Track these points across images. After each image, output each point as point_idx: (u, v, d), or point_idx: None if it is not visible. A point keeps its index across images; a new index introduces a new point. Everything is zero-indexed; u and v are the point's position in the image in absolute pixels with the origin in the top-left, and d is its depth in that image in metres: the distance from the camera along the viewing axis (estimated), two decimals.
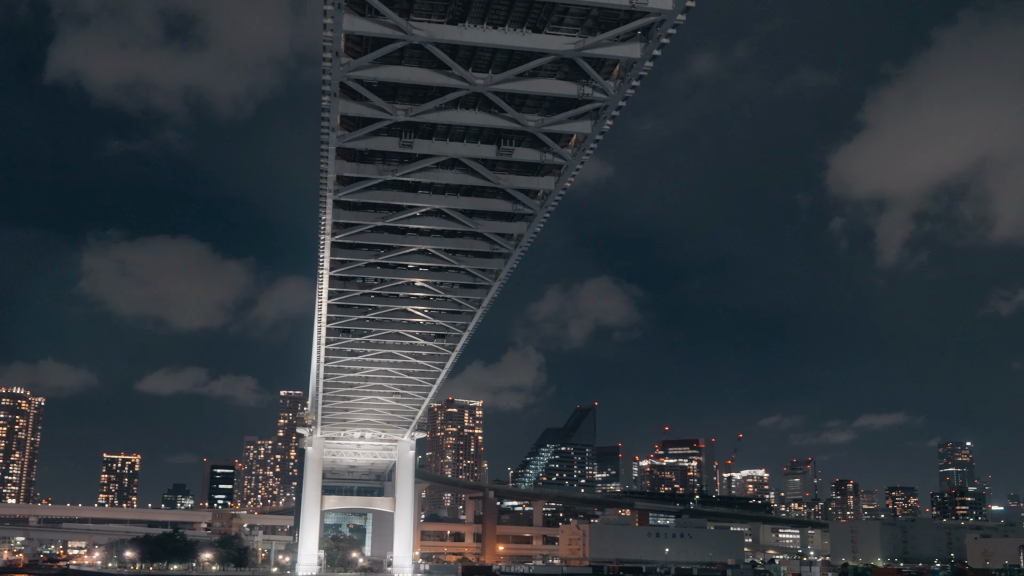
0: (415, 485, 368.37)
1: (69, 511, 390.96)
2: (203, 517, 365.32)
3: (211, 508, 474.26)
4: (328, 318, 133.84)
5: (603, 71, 70.11)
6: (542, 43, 65.00)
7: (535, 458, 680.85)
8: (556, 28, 64.58)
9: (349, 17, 62.52)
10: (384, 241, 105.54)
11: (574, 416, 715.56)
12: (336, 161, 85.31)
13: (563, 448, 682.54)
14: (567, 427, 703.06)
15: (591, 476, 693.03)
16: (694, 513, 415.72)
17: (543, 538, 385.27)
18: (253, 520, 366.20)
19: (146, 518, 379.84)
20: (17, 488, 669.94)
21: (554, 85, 71.45)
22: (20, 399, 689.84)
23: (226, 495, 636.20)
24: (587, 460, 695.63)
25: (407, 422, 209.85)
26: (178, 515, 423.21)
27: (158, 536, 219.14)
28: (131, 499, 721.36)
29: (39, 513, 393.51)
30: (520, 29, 64.41)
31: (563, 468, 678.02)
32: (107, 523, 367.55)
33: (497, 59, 68.82)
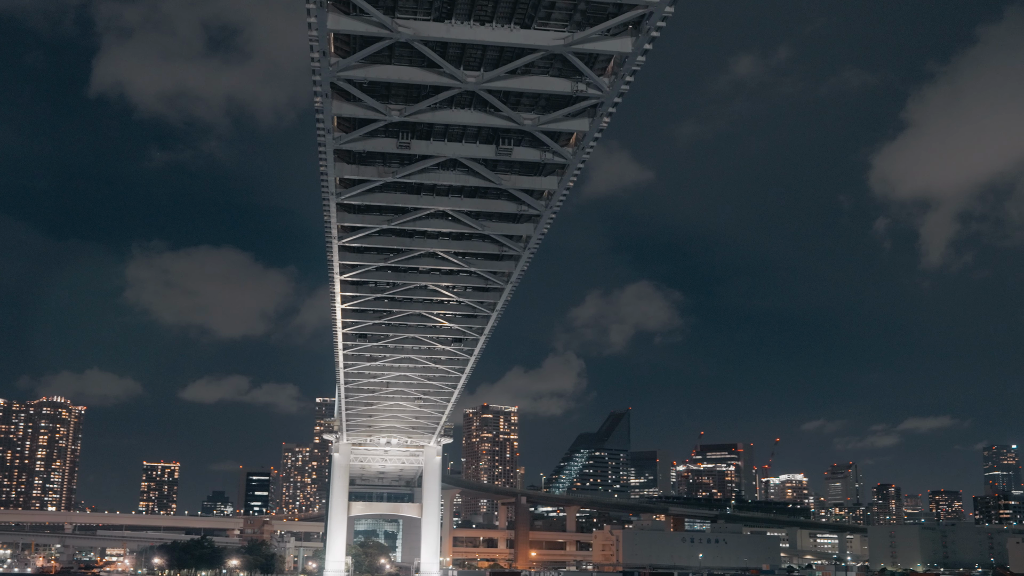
0: (446, 491, 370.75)
1: (104, 518, 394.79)
2: (236, 524, 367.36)
3: (246, 515, 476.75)
4: (344, 323, 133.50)
5: (596, 67, 69.03)
6: (531, 39, 63.94)
7: (569, 463, 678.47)
8: (544, 23, 63.48)
9: (334, 16, 61.79)
10: (392, 244, 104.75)
11: (608, 421, 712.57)
12: (336, 164, 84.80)
13: (597, 453, 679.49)
14: (601, 432, 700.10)
15: (625, 481, 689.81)
16: (730, 518, 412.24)
17: (576, 544, 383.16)
18: (286, 526, 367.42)
19: (180, 525, 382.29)
20: (58, 496, 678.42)
21: (547, 82, 70.35)
22: (60, 408, 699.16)
23: (262, 502, 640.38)
24: (621, 465, 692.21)
25: (432, 427, 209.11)
26: (212, 522, 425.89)
27: (186, 543, 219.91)
28: (171, 506, 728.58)
29: (74, 520, 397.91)
30: (508, 25, 63.39)
31: (597, 473, 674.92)
32: (142, 530, 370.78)
33: (488, 56, 67.85)
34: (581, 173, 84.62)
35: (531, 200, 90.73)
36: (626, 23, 63.01)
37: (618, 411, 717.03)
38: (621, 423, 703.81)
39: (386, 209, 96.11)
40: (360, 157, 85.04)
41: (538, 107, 75.21)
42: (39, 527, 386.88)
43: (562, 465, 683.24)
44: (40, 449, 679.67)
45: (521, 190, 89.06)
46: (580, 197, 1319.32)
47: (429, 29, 62.96)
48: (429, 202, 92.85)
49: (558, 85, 70.33)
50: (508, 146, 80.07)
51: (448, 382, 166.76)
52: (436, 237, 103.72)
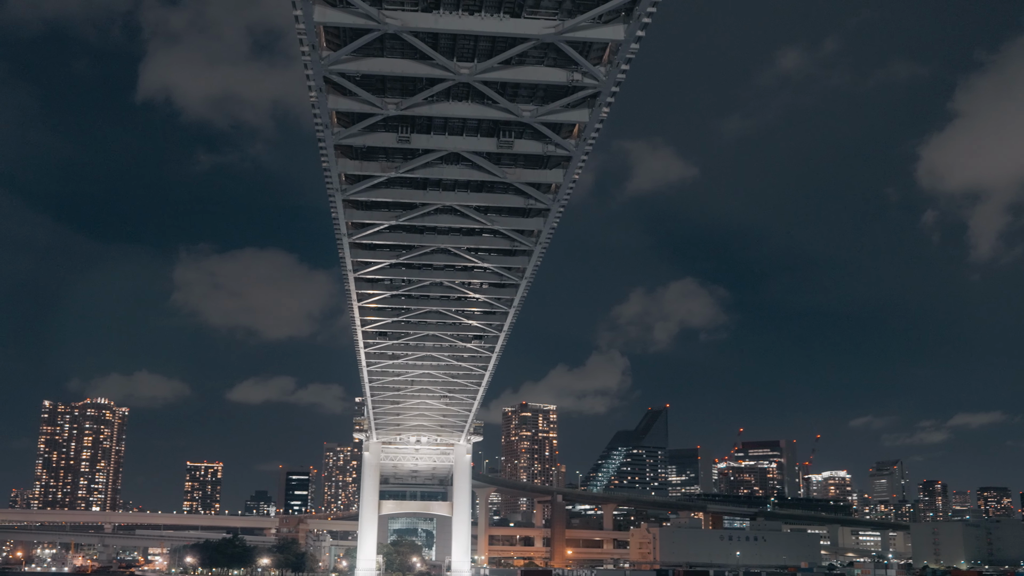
0: (481, 489, 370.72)
1: (143, 518, 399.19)
2: (272, 523, 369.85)
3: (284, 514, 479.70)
4: (363, 321, 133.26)
5: (592, 56, 67.77)
6: (521, 28, 62.86)
7: (607, 461, 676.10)
8: (534, 11, 62.41)
9: (321, 8, 61.10)
10: (403, 241, 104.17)
11: (645, 418, 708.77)
12: (340, 159, 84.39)
13: (635, 451, 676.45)
14: (638, 430, 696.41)
15: (664, 479, 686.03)
16: (769, 516, 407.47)
17: (614, 542, 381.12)
18: (322, 525, 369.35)
19: (218, 524, 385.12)
20: (103, 496, 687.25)
21: (542, 72, 69.20)
22: (104, 409, 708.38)
23: (301, 501, 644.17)
24: (659, 463, 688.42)
25: (460, 425, 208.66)
26: (249, 521, 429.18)
27: (218, 542, 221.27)
28: (214, 506, 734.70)
29: (114, 520, 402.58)
30: (497, 14, 62.41)
31: (635, 471, 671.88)
32: (180, 529, 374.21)
33: (480, 47, 66.89)
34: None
35: (537, 194, 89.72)
36: (617, 9, 61.79)
37: (656, 408, 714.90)
38: (659, 420, 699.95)
39: (394, 205, 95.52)
40: (363, 152, 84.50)
41: (536, 98, 74.09)
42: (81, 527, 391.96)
43: (600, 463, 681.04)
44: (85, 450, 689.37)
45: (527, 184, 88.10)
46: (623, 195, 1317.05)
47: (417, 20, 62.13)
48: (435, 197, 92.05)
49: (554, 75, 69.16)
50: (509, 139, 79.01)
51: (472, 380, 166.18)
52: (447, 233, 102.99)
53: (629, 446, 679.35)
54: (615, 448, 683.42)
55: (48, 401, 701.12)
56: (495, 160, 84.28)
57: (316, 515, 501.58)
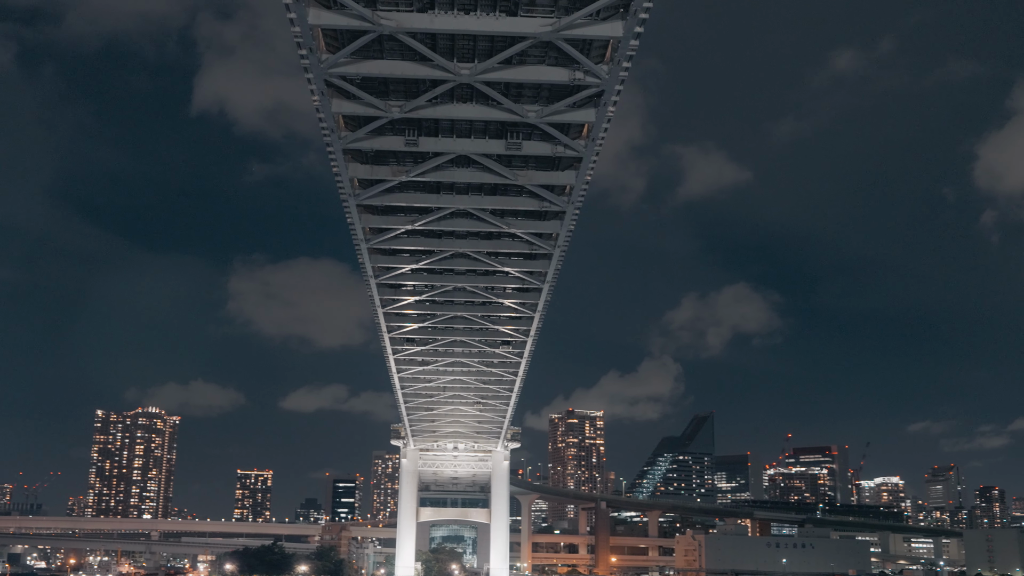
0: (524, 496, 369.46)
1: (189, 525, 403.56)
2: (316, 531, 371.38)
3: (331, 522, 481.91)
4: (389, 327, 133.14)
5: (593, 54, 66.91)
6: (517, 27, 62.22)
7: (652, 468, 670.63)
8: (530, 10, 61.69)
9: (315, 11, 60.99)
10: (421, 246, 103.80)
11: (691, 424, 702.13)
12: (350, 164, 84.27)
13: (680, 457, 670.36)
14: (684, 436, 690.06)
15: (711, 485, 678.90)
16: (818, 522, 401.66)
17: (659, 549, 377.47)
18: (366, 532, 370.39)
19: (263, 531, 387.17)
20: (155, 504, 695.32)
21: (544, 72, 68.49)
22: (155, 418, 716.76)
23: (348, 509, 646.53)
24: (706, 469, 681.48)
25: (496, 432, 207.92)
26: (293, 528, 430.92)
27: (257, 549, 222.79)
28: (265, 514, 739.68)
29: (160, 527, 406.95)
30: (493, 13, 61.75)
31: (681, 478, 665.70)
32: (226, 537, 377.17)
33: (480, 47, 66.34)
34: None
35: (552, 196, 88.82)
36: (615, 6, 60.88)
37: (702, 414, 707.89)
38: (705, 426, 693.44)
39: (409, 210, 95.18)
40: (373, 156, 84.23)
41: (541, 99, 73.38)
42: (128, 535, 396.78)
43: (645, 470, 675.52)
44: (137, 459, 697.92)
45: (539, 186, 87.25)
46: (675, 200, 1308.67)
47: (412, 20, 61.70)
48: (449, 201, 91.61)
49: (555, 74, 68.39)
50: (517, 140, 78.30)
51: (504, 386, 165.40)
52: (465, 237, 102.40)
53: (675, 452, 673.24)
54: (661, 454, 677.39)
55: (101, 410, 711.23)
56: (506, 162, 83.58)
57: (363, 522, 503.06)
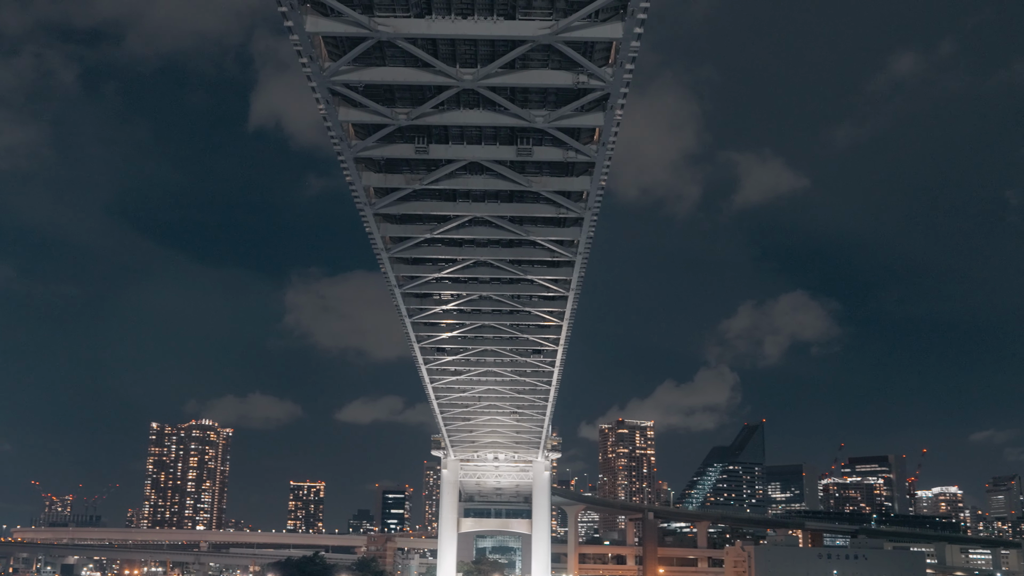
0: (571, 507, 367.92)
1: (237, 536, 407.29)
2: (362, 542, 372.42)
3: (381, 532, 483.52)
4: (417, 337, 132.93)
5: (597, 57, 66.00)
6: (515, 30, 61.53)
7: (702, 478, 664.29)
8: (528, 13, 60.99)
9: (312, 18, 60.85)
10: (441, 254, 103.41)
11: (741, 434, 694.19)
12: (364, 173, 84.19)
13: (730, 467, 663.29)
14: (734, 445, 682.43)
15: (762, 495, 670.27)
16: (871, 533, 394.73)
17: (708, 560, 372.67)
18: (412, 543, 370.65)
19: (309, 543, 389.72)
20: (209, 516, 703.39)
21: (547, 75, 67.68)
22: (209, 431, 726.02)
23: (397, 520, 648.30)
24: (756, 479, 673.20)
25: (536, 442, 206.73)
26: (339, 539, 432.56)
27: (298, 559, 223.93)
28: (317, 525, 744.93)
29: (209, 538, 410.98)
30: (491, 17, 61.16)
31: (731, 488, 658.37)
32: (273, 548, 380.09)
33: (481, 52, 65.78)
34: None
35: (568, 202, 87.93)
36: (614, 7, 60.01)
37: (752, 423, 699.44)
38: (755, 436, 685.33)
39: (427, 218, 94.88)
40: (386, 165, 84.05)
41: (549, 103, 72.57)
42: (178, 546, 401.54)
43: (695, 480, 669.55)
44: (191, 471, 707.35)
45: (555, 192, 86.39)
46: (731, 208, 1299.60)
47: (410, 26, 61.32)
48: (465, 209, 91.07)
49: (559, 78, 67.57)
50: (528, 146, 77.62)
51: (539, 395, 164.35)
52: (485, 245, 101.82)
53: (725, 462, 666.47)
54: (711, 464, 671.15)
55: (156, 423, 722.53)
56: (519, 169, 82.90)
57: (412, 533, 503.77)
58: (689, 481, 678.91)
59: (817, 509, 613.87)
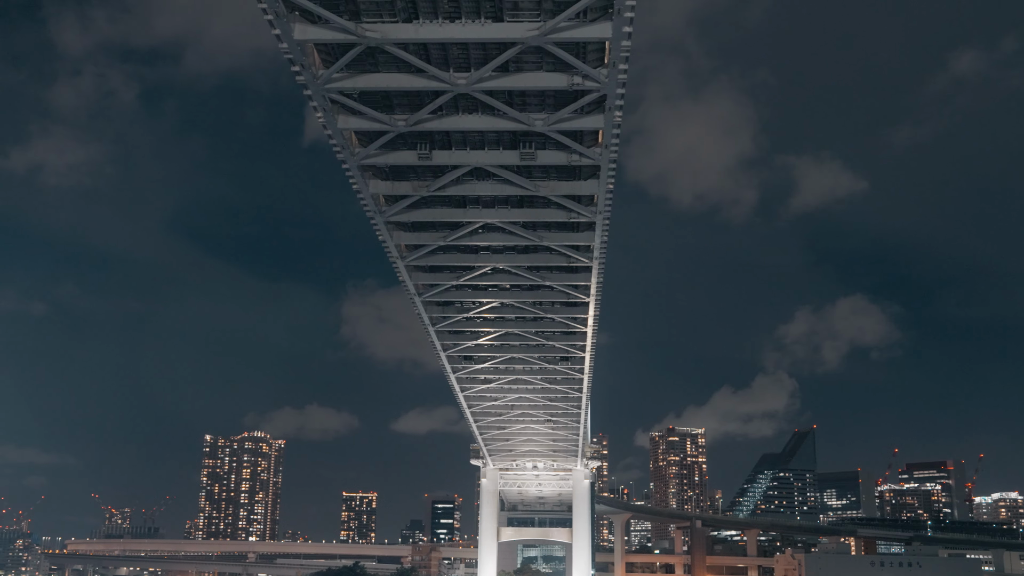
0: (617, 516, 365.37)
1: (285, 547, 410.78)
2: (406, 551, 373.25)
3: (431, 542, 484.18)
4: (443, 345, 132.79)
5: (590, 58, 65.19)
6: (503, 32, 60.87)
7: (752, 485, 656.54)
8: (515, 14, 60.36)
9: (301, 26, 60.86)
10: (457, 262, 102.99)
11: (792, 440, 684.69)
12: (371, 181, 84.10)
13: (781, 474, 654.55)
14: (785, 452, 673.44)
15: (813, 502, 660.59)
16: (926, 540, 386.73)
17: (758, 569, 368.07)
18: (457, 553, 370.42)
19: (353, 553, 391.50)
20: (262, 527, 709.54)
21: (542, 78, 66.94)
22: (261, 442, 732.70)
23: (447, 529, 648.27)
24: (808, 486, 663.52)
25: (573, 450, 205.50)
26: (385, 549, 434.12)
27: (339, 569, 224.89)
28: (370, 535, 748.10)
29: (257, 549, 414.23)
30: (478, 20, 60.63)
31: (782, 495, 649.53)
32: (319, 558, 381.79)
33: (473, 56, 65.16)
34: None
35: (578, 207, 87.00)
36: (603, 7, 59.25)
37: (803, 429, 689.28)
38: (806, 442, 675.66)
39: (440, 225, 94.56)
40: (392, 172, 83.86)
41: (548, 106, 71.83)
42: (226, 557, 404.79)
43: (745, 487, 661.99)
44: (244, 482, 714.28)
45: (564, 196, 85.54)
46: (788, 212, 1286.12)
47: (398, 31, 60.98)
48: (476, 215, 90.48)
49: (554, 80, 66.84)
50: (530, 150, 76.78)
51: (571, 403, 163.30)
52: (501, 252, 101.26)
53: (775, 469, 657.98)
54: (761, 472, 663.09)
55: (209, 435, 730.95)
56: (526, 173, 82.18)
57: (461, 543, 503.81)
58: (739, 489, 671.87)
59: (874, 516, 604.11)
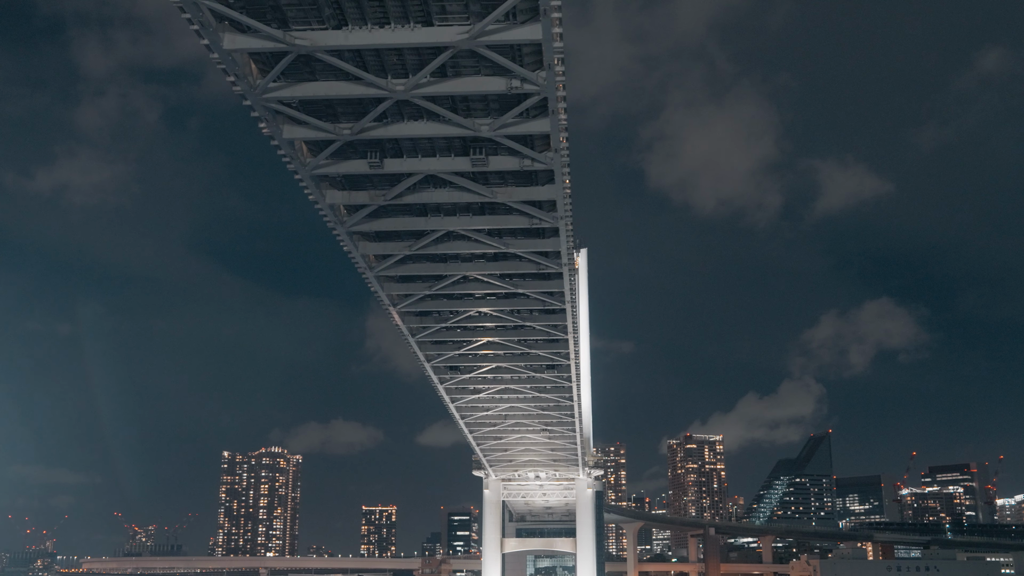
0: (629, 524, 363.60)
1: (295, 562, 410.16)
2: (416, 564, 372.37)
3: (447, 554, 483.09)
4: (427, 356, 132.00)
5: (527, 61, 64.38)
6: (433, 36, 60.16)
7: (768, 492, 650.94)
8: (444, 18, 59.70)
9: (230, 36, 60.27)
10: (427, 271, 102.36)
11: (807, 445, 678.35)
12: (328, 191, 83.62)
13: (797, 480, 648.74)
14: (800, 458, 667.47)
15: (830, 507, 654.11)
16: (945, 544, 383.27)
17: (773, 575, 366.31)
18: (467, 565, 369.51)
19: (364, 567, 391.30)
20: (281, 542, 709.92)
21: (481, 82, 66.21)
22: (278, 458, 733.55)
23: (463, 541, 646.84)
24: (825, 491, 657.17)
25: (574, 460, 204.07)
26: (396, 563, 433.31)
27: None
28: (390, 548, 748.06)
29: (268, 564, 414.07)
30: (408, 25, 60.01)
31: (798, 500, 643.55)
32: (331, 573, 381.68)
33: (409, 62, 64.55)
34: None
35: (539, 212, 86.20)
36: (531, 8, 58.50)
37: (818, 434, 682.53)
38: (821, 447, 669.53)
39: (404, 234, 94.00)
40: (348, 182, 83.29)
41: (492, 111, 71.10)
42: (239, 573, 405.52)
43: (762, 494, 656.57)
44: (262, 498, 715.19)
45: (523, 202, 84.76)
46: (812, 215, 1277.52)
47: (327, 38, 60.40)
48: (438, 224, 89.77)
49: (492, 84, 66.11)
50: (481, 156, 76.00)
51: (564, 411, 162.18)
52: (471, 260, 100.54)
53: (791, 475, 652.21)
54: (777, 478, 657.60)
55: (227, 452, 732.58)
56: (482, 180, 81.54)
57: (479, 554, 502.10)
58: (755, 495, 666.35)
59: (896, 520, 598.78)
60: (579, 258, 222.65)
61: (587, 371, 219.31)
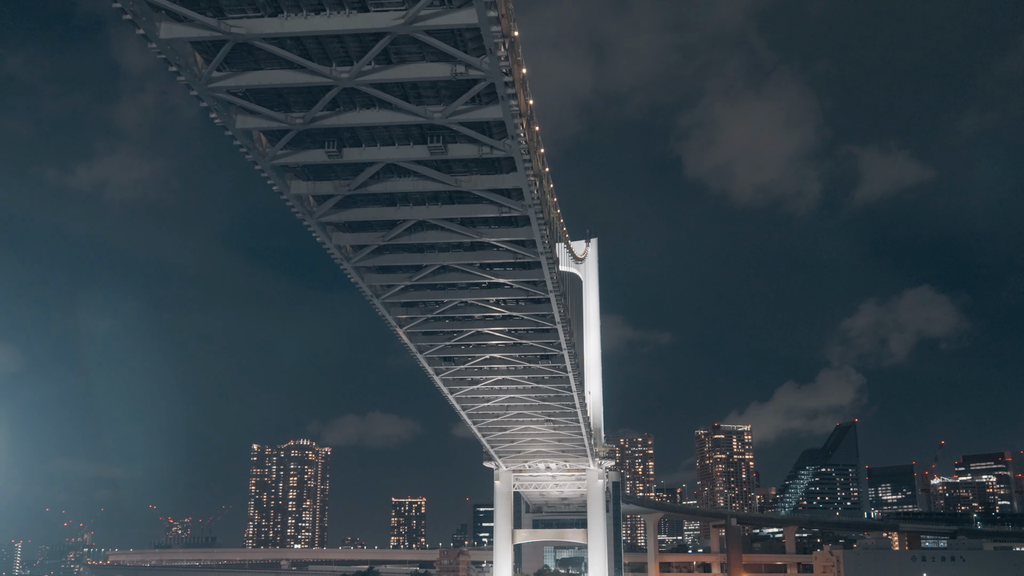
0: (649, 515, 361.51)
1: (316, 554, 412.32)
2: (435, 556, 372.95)
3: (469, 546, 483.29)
4: (419, 347, 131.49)
5: (471, 47, 63.36)
6: (368, 23, 59.43)
7: (794, 482, 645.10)
8: (379, 4, 58.89)
9: (167, 25, 59.95)
10: (404, 261, 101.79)
11: (833, 435, 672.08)
12: (292, 181, 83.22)
13: (823, 469, 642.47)
14: (826, 447, 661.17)
15: (857, 497, 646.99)
16: (972, 533, 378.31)
17: (797, 566, 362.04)
18: (485, 556, 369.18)
19: (384, 558, 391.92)
20: (310, 534, 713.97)
21: (425, 68, 65.33)
22: (307, 450, 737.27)
23: (489, 532, 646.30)
24: (851, 480, 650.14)
25: (581, 450, 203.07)
26: (415, 554, 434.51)
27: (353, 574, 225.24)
28: (420, 540, 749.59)
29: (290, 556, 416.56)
30: (343, 11, 59.28)
31: (824, 491, 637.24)
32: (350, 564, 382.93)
33: (351, 49, 63.80)
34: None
35: (508, 201, 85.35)
36: None
37: (844, 424, 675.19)
38: (847, 436, 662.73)
39: (376, 224, 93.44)
40: (314, 172, 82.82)
41: (444, 98, 70.21)
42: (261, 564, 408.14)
43: (787, 484, 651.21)
44: (291, 490, 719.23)
45: (490, 191, 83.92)
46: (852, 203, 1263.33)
47: (263, 26, 59.89)
48: (407, 213, 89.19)
49: (437, 70, 65.26)
50: (439, 144, 75.20)
51: (563, 402, 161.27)
52: (447, 250, 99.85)
53: (817, 465, 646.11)
54: (803, 467, 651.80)
55: (256, 445, 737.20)
56: (446, 169, 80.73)
57: None
58: (781, 485, 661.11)
59: (927, 510, 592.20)
60: (588, 248, 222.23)
61: (596, 361, 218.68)
